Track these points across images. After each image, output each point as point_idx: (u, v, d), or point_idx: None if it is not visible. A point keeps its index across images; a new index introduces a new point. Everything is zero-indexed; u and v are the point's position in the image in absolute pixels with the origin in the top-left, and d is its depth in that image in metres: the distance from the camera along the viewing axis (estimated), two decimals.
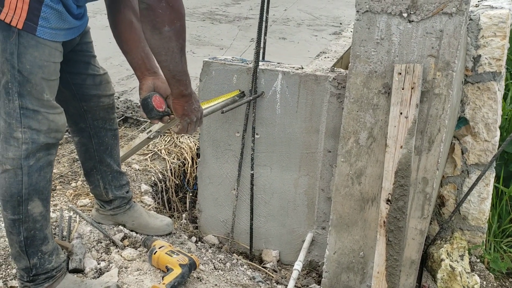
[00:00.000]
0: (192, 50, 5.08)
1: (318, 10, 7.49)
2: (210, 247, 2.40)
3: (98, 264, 1.99)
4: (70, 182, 2.61)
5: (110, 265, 2.00)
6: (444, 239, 2.43)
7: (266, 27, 2.26)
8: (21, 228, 1.68)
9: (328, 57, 4.33)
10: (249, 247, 2.47)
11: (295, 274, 2.12)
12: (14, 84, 1.54)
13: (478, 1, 2.34)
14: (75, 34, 1.73)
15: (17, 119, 1.58)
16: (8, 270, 1.91)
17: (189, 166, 3.01)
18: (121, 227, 2.23)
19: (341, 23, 6.60)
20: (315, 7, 7.67)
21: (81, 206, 2.38)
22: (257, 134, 2.27)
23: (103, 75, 1.99)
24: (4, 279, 1.87)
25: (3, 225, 2.16)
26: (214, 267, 2.19)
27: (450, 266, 2.22)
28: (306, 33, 6.10)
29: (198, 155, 3.01)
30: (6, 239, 2.06)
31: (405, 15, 1.72)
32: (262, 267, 2.39)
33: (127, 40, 1.86)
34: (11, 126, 1.58)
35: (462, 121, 2.35)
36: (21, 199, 1.65)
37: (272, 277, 2.31)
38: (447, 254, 2.29)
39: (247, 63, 2.24)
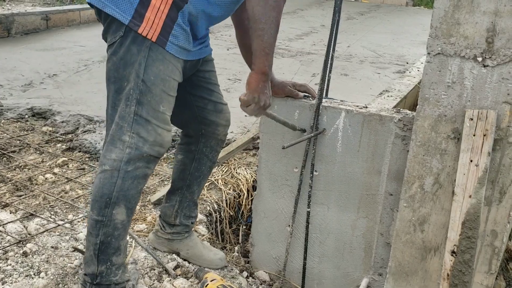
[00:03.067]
0: None
1: (382, 47, 7.41)
2: (261, 284, 2.36)
3: None
4: None
5: None
6: None
7: (331, 64, 2.25)
8: (100, 231, 1.73)
9: (391, 96, 4.25)
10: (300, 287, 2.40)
11: None
12: (135, 91, 1.67)
13: None
14: (195, 57, 1.86)
15: (129, 123, 1.69)
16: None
17: (244, 198, 3.00)
18: (174, 256, 2.24)
19: (407, 62, 6.48)
20: (379, 45, 7.60)
21: (137, 231, 2.42)
22: (315, 171, 2.23)
23: (225, 105, 2.12)
24: None
25: (63, 244, 2.22)
26: None
27: None
28: (368, 70, 6.04)
29: (254, 188, 3.00)
30: (66, 258, 2.12)
31: (479, 59, 1.66)
32: None
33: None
34: (122, 129, 1.69)
35: None
36: (110, 201, 1.71)
37: None
38: None
39: (310, 99, 2.23)
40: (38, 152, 3.30)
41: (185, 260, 2.25)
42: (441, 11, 1.70)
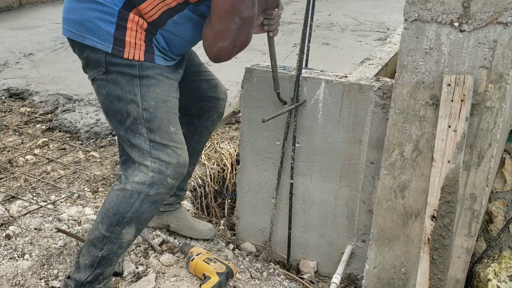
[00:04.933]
0: None
1: (363, 15, 7.36)
2: (247, 255, 2.38)
3: (136, 268, 2.01)
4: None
5: (148, 269, 2.01)
6: (491, 258, 2.32)
7: (310, 34, 2.23)
8: (105, 246, 1.70)
9: (372, 64, 4.24)
10: (286, 257, 2.44)
11: (333, 287, 2.07)
12: (141, 121, 1.65)
13: None
14: (180, 56, 1.84)
15: (148, 150, 1.67)
16: (50, 270, 1.95)
17: (229, 172, 3.01)
18: (159, 232, 2.25)
19: (388, 28, 6.45)
20: (360, 12, 7.55)
21: None
22: (297, 143, 2.23)
23: (216, 79, 2.13)
24: (46, 279, 1.91)
25: (46, 225, 2.21)
26: (251, 276, 2.17)
27: (498, 287, 2.11)
28: (350, 39, 6.00)
29: (238, 162, 3.01)
30: (50, 239, 2.11)
31: (456, 24, 1.65)
32: (299, 277, 2.35)
33: None
34: (144, 155, 1.67)
35: None
36: (122, 220, 1.68)
37: None
38: (495, 274, 2.18)
39: (290, 71, 2.21)
40: (17, 133, 3.25)
41: (171, 235, 2.26)
42: None
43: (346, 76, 2.16)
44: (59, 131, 3.28)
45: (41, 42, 5.27)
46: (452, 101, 1.68)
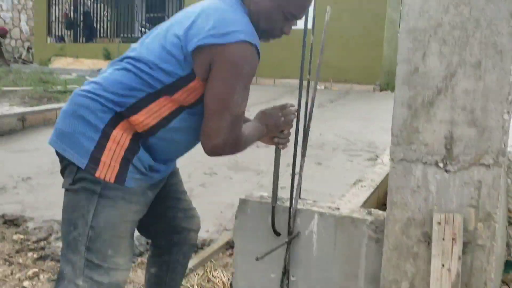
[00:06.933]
0: (229, 176, 5.19)
1: (353, 134, 7.64)
2: None
3: None
4: None
5: None
6: None
7: (304, 152, 2.26)
8: None
9: (364, 186, 4.32)
10: None
11: None
12: (83, 238, 1.66)
13: None
14: (161, 176, 1.87)
15: (81, 269, 1.67)
16: None
17: None
18: None
19: (376, 149, 6.67)
20: (350, 131, 7.84)
21: None
22: (292, 276, 2.20)
23: (194, 210, 2.15)
24: None
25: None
26: None
27: None
28: (341, 158, 6.17)
29: None
30: None
31: (441, 165, 1.73)
32: None
33: None
34: (75, 273, 1.67)
35: (510, 265, 2.23)
36: None
37: None
38: None
39: (283, 202, 2.25)
40: (7, 263, 3.18)
41: None
42: (400, 120, 1.79)
43: (339, 209, 2.20)
44: (51, 260, 3.21)
45: (39, 165, 5.37)
46: (443, 239, 1.70)
